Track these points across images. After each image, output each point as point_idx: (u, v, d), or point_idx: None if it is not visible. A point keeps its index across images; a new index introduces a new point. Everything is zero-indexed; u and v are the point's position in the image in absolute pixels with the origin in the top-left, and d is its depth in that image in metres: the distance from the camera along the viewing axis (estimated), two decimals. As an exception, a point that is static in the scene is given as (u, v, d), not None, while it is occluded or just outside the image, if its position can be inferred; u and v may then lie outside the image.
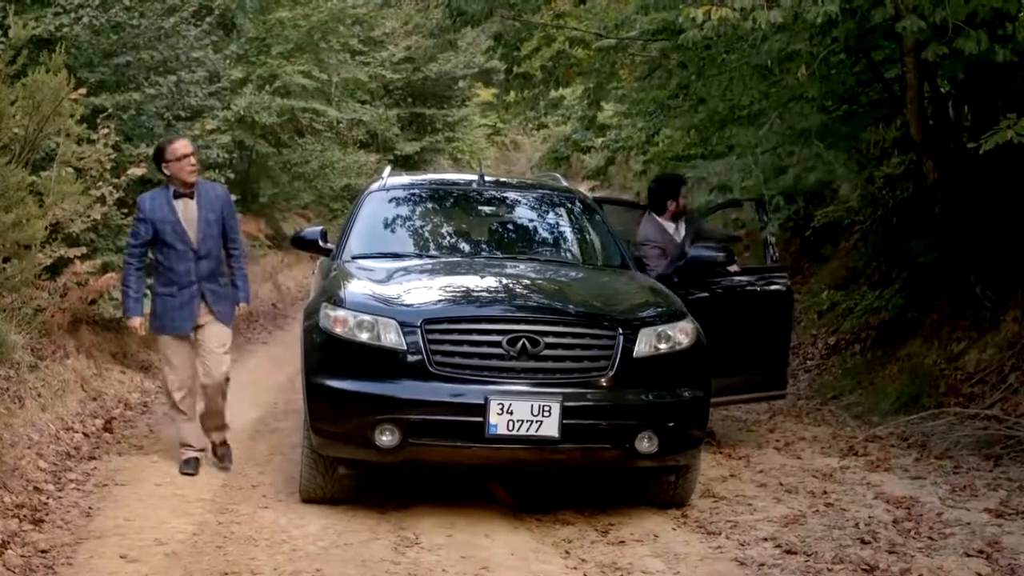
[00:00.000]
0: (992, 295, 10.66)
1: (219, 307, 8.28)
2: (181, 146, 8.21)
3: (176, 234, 8.11)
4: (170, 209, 8.12)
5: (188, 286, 8.15)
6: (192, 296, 8.16)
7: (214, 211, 8.23)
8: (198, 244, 8.14)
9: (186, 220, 8.14)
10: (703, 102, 11.05)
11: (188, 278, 8.14)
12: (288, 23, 18.07)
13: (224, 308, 8.34)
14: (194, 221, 8.14)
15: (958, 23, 8.08)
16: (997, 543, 6.82)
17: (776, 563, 6.51)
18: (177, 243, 8.11)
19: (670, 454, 7.15)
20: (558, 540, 6.93)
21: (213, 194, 8.35)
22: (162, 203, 8.15)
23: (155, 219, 8.12)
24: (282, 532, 6.89)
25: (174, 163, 8.13)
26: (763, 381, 9.57)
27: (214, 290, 8.25)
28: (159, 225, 8.11)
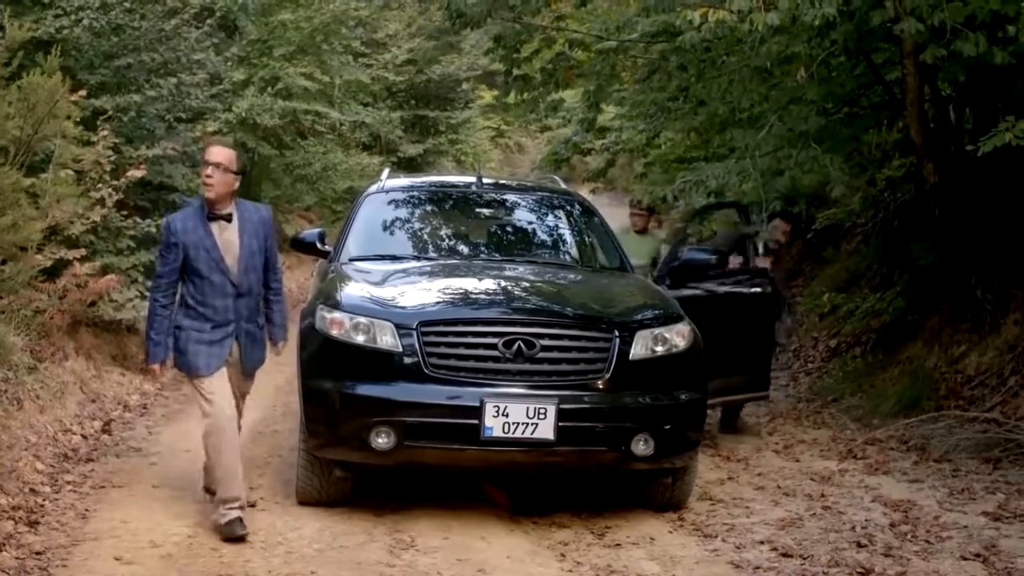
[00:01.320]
0: (993, 298, 10.64)
1: (251, 353, 7.09)
2: (211, 151, 6.86)
3: (212, 263, 6.79)
4: (205, 232, 6.80)
5: (223, 325, 6.88)
6: (226, 336, 6.90)
7: (257, 238, 6.94)
8: (239, 278, 6.86)
9: (224, 247, 6.83)
10: (703, 104, 11.04)
11: (225, 316, 6.87)
12: (290, 25, 18.08)
13: (257, 357, 7.16)
14: (235, 250, 6.85)
15: (956, 25, 8.07)
16: (994, 546, 6.80)
17: (772, 566, 6.49)
18: (214, 274, 6.80)
19: (666, 457, 7.13)
20: (554, 543, 6.91)
21: (256, 217, 7.01)
22: (196, 224, 6.80)
23: (187, 243, 6.76)
24: (278, 534, 6.87)
25: (201, 168, 6.93)
26: (746, 382, 9.63)
27: (251, 332, 7.03)
28: (191, 251, 6.76)
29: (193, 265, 6.79)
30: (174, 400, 11.01)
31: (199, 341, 6.85)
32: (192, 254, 6.78)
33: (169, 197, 12.78)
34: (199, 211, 6.86)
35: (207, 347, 6.85)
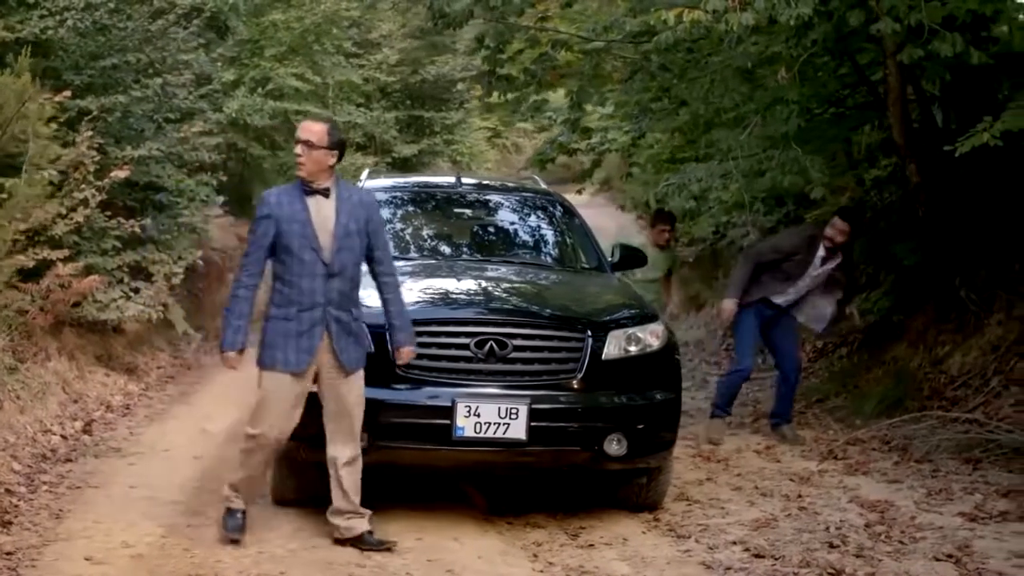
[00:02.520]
0: (976, 298, 10.62)
1: (345, 347, 6.55)
2: (303, 127, 6.57)
3: (304, 239, 6.43)
4: (301, 205, 6.47)
5: (310, 308, 6.45)
6: (314, 323, 6.45)
7: (356, 220, 6.55)
8: (331, 256, 6.47)
9: (318, 223, 6.49)
10: (685, 105, 11.03)
11: (312, 298, 6.45)
12: (281, 25, 18.08)
13: (352, 351, 6.59)
14: (330, 226, 6.48)
15: (934, 25, 8.05)
16: (968, 547, 6.80)
17: (743, 567, 6.49)
18: (304, 251, 6.43)
19: (640, 457, 7.13)
20: (527, 543, 6.91)
21: (356, 199, 6.67)
22: (292, 198, 6.49)
23: (280, 216, 6.42)
24: (251, 535, 6.83)
25: (296, 146, 6.57)
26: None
27: (341, 321, 6.53)
28: (284, 225, 6.41)
29: (284, 241, 6.42)
30: (158, 400, 11.04)
31: (286, 333, 6.45)
32: (284, 228, 6.41)
33: (156, 197, 12.81)
34: (297, 186, 6.55)
35: (295, 339, 6.44)
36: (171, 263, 12.13)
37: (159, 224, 12.43)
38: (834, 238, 9.69)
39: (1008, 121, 7.90)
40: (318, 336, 6.48)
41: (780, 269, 9.88)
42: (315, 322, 6.47)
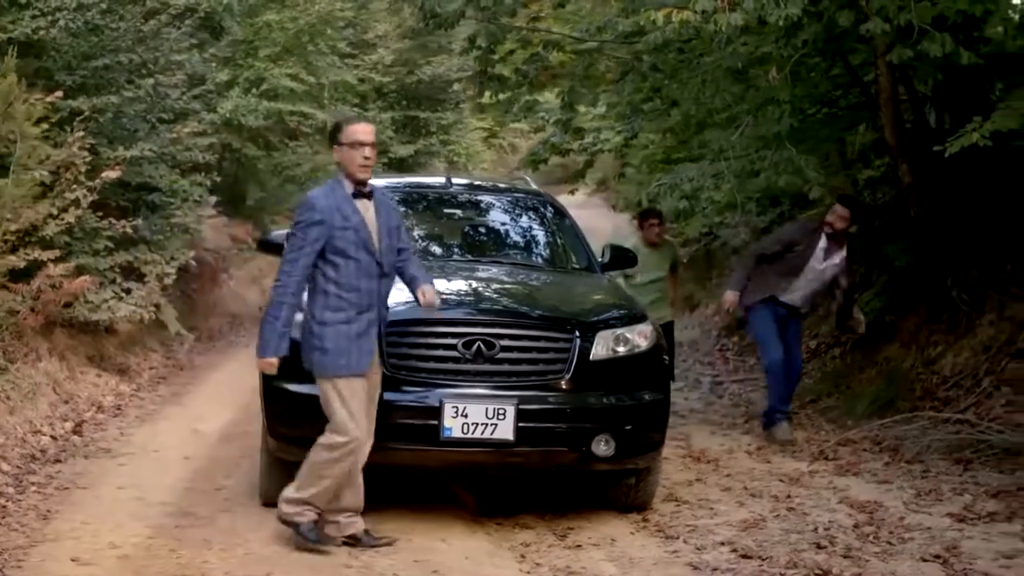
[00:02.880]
0: (968, 298, 10.63)
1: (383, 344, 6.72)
2: (361, 130, 6.54)
3: (360, 241, 6.41)
4: (352, 209, 6.45)
5: (368, 310, 6.45)
6: (371, 323, 6.46)
7: (392, 219, 6.67)
8: (382, 256, 6.50)
9: (370, 224, 6.51)
10: (676, 105, 11.03)
11: (370, 299, 6.46)
12: (275, 26, 18.06)
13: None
14: (376, 227, 6.52)
15: (924, 26, 8.05)
16: (955, 548, 6.80)
17: (730, 567, 6.48)
18: (360, 253, 6.41)
19: (628, 457, 7.12)
20: (515, 544, 6.90)
21: (385, 199, 6.77)
22: (341, 201, 6.44)
23: (332, 220, 6.37)
24: (238, 536, 6.85)
25: (347, 149, 6.49)
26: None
27: (384, 318, 6.65)
28: (338, 229, 6.37)
29: (337, 244, 6.37)
30: (150, 401, 11.04)
31: (347, 336, 6.39)
32: (338, 232, 6.37)
33: (149, 197, 12.81)
34: (340, 187, 6.49)
35: (357, 341, 6.40)
36: (163, 263, 12.13)
37: (152, 224, 12.40)
38: (834, 224, 9.68)
39: (998, 121, 7.91)
40: (374, 335, 6.52)
41: (783, 261, 9.85)
42: (372, 322, 6.49)
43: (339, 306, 6.40)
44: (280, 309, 6.37)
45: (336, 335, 6.38)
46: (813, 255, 9.78)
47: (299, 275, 6.38)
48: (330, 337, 6.38)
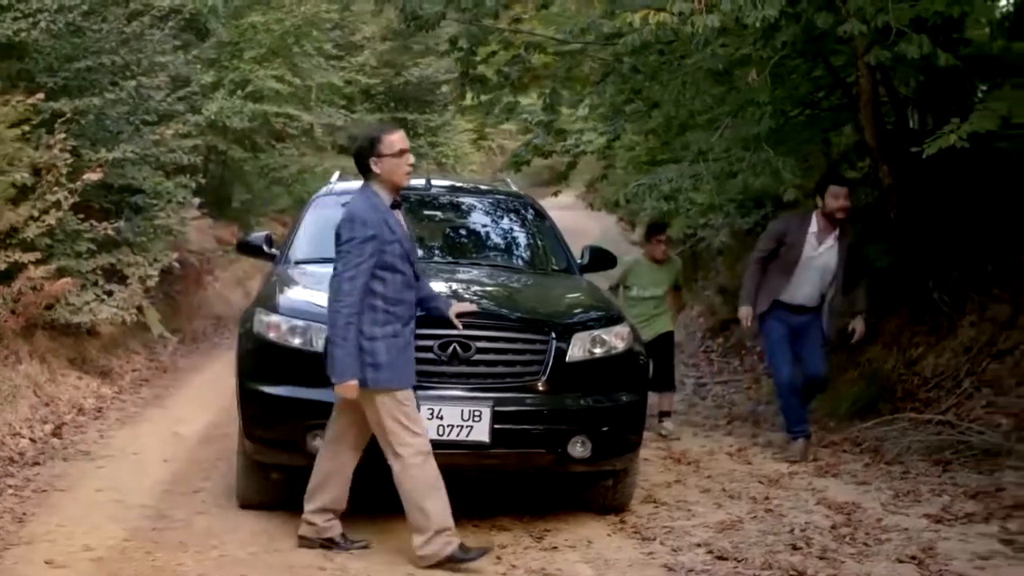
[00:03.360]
0: (949, 300, 10.63)
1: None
2: (400, 137, 6.43)
3: (404, 254, 6.36)
4: (394, 220, 6.41)
5: (410, 322, 6.42)
6: (412, 334, 6.44)
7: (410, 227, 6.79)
8: (415, 266, 6.56)
9: (406, 235, 6.52)
10: (657, 107, 11.01)
11: (412, 311, 6.46)
12: (261, 28, 18.04)
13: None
14: (407, 237, 6.54)
15: (901, 27, 8.05)
16: (931, 549, 6.81)
17: (705, 569, 6.49)
18: (405, 265, 6.38)
19: (604, 459, 7.12)
20: (492, 546, 6.89)
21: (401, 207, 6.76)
22: (384, 213, 6.36)
23: (381, 234, 6.29)
24: (214, 538, 6.85)
25: (389, 159, 6.35)
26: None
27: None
28: (385, 245, 6.28)
29: (386, 259, 6.28)
30: (131, 403, 11.01)
31: (398, 349, 6.31)
32: (387, 247, 6.28)
33: (132, 199, 12.79)
34: (377, 199, 6.39)
35: (404, 353, 6.36)
36: (146, 265, 12.12)
37: (135, 226, 12.40)
38: (834, 213, 9.22)
39: (975, 123, 7.91)
40: (413, 346, 6.47)
41: (779, 259, 9.44)
42: (412, 333, 6.45)
43: (387, 320, 6.30)
44: (349, 331, 6.19)
45: (387, 349, 6.27)
46: (806, 243, 9.33)
47: (359, 293, 6.22)
48: (381, 352, 6.26)
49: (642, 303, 10.36)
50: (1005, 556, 6.72)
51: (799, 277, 9.37)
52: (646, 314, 10.30)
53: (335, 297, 6.25)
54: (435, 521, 6.37)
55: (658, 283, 10.51)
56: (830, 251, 9.36)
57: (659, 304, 10.52)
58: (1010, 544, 6.93)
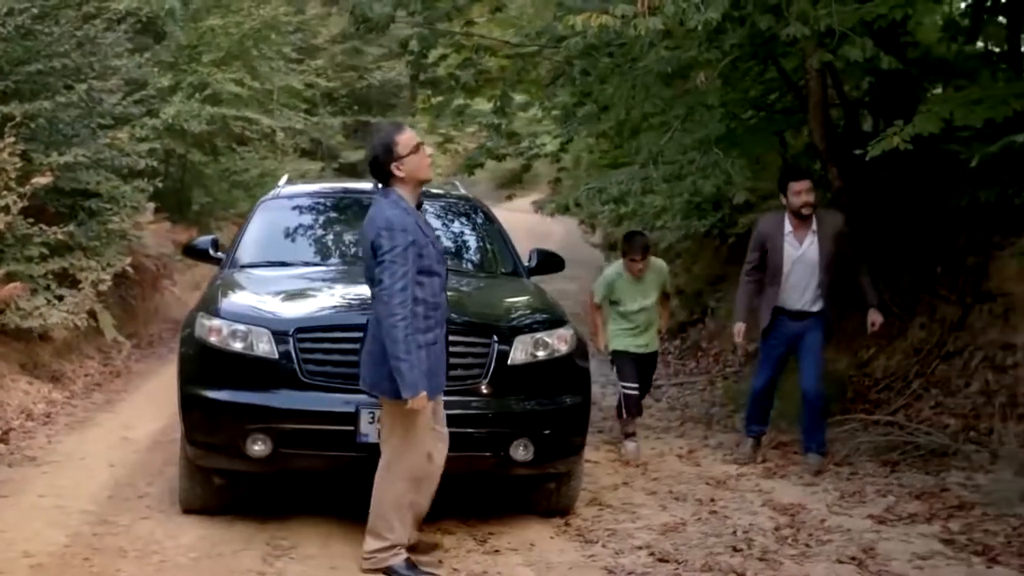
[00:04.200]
0: (900, 301, 10.68)
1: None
2: (411, 134, 6.34)
3: (439, 255, 6.30)
4: (424, 222, 6.31)
5: (442, 325, 6.32)
6: (445, 338, 6.38)
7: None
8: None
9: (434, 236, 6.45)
10: (607, 109, 11.02)
11: (445, 314, 6.36)
12: (219, 31, 17.99)
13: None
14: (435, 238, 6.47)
15: (844, 30, 8.09)
16: (872, 549, 6.85)
17: (646, 571, 6.50)
18: (440, 266, 6.28)
19: (548, 462, 7.12)
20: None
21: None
22: (414, 216, 6.23)
23: (419, 239, 6.15)
24: (155, 543, 6.82)
25: (411, 157, 6.23)
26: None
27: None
28: (423, 248, 6.15)
29: (423, 263, 6.14)
30: (82, 408, 10.94)
31: (436, 355, 6.23)
32: (424, 250, 6.15)
33: (86, 203, 12.73)
34: (404, 202, 6.22)
35: (438, 360, 6.27)
36: (99, 270, 12.04)
37: (88, 231, 12.33)
38: (800, 209, 8.86)
39: (918, 125, 7.94)
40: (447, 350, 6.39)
41: (767, 264, 9.12)
42: (446, 338, 6.38)
43: (428, 326, 6.16)
44: (411, 343, 6.00)
45: (429, 356, 6.16)
46: (786, 244, 9.01)
47: (411, 303, 6.04)
48: (424, 359, 6.12)
49: (632, 316, 9.74)
50: (944, 556, 6.75)
51: (788, 281, 9.05)
52: (640, 328, 9.76)
53: (389, 312, 6.02)
54: (393, 536, 6.37)
55: (646, 293, 9.77)
56: (812, 247, 9.01)
57: (651, 314, 9.83)
58: (950, 544, 6.96)
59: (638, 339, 9.76)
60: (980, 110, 7.97)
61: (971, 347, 9.84)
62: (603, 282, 9.81)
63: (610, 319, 9.85)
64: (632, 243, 9.69)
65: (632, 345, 9.74)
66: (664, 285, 9.97)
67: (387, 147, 6.24)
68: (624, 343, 9.74)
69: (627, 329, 9.72)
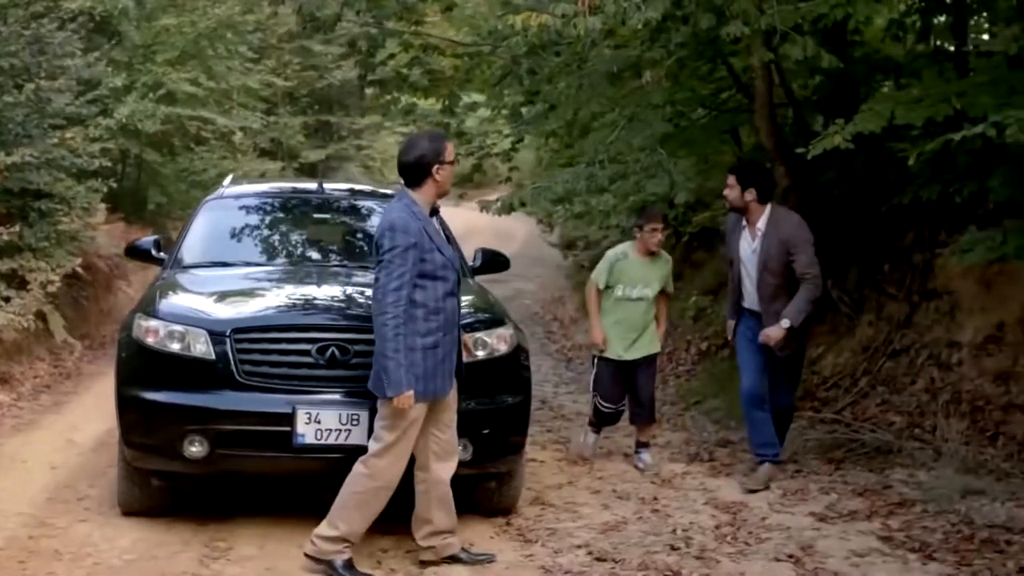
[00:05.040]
0: (849, 300, 10.73)
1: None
2: (452, 146, 6.57)
3: (447, 262, 6.34)
4: (433, 228, 6.36)
5: (451, 330, 6.41)
6: (453, 343, 6.45)
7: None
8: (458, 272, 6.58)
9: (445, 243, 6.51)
10: (554, 108, 11.02)
11: (453, 319, 6.43)
12: (174, 30, 17.90)
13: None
14: (446, 245, 6.54)
15: (785, 29, 8.11)
16: (810, 547, 6.88)
17: (582, 570, 6.51)
18: (448, 272, 6.35)
19: (487, 462, 7.11)
20: (374, 550, 6.84)
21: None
22: (422, 221, 6.26)
23: (423, 243, 6.21)
24: (91, 546, 6.79)
25: (449, 167, 6.42)
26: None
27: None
28: (426, 253, 6.22)
29: (426, 268, 6.23)
30: (29, 410, 10.85)
31: (436, 361, 6.29)
32: (427, 255, 6.22)
33: (37, 204, 12.64)
34: (415, 206, 6.30)
35: (442, 366, 6.33)
36: (49, 271, 11.96)
37: (37, 232, 12.24)
38: (728, 197, 8.52)
39: (859, 124, 7.96)
40: (455, 359, 6.46)
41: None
42: (454, 343, 6.44)
43: (427, 330, 6.25)
44: (399, 342, 6.12)
45: (428, 360, 6.25)
46: (741, 240, 8.58)
47: (405, 303, 6.14)
48: (423, 361, 6.22)
49: (629, 306, 9.00)
50: (881, 553, 6.78)
51: (745, 279, 8.61)
52: (635, 323, 9.01)
53: (380, 309, 6.15)
54: (348, 530, 6.38)
55: (649, 281, 9.00)
56: (759, 246, 8.45)
57: (649, 310, 9.06)
58: (888, 541, 7.00)
59: (628, 342, 8.99)
60: (920, 109, 7.98)
61: (917, 345, 9.90)
62: (605, 264, 9.05)
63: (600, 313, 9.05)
64: (647, 212, 9.20)
65: (621, 353, 8.98)
66: (667, 280, 9.19)
67: (438, 151, 6.35)
68: (612, 350, 8.99)
69: (619, 329, 8.97)
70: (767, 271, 8.40)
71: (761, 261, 8.41)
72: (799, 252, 8.32)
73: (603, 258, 9.20)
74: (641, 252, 9.02)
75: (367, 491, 6.38)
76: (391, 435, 6.29)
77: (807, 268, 8.32)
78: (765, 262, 8.38)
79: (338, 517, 6.38)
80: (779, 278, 8.38)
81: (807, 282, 8.32)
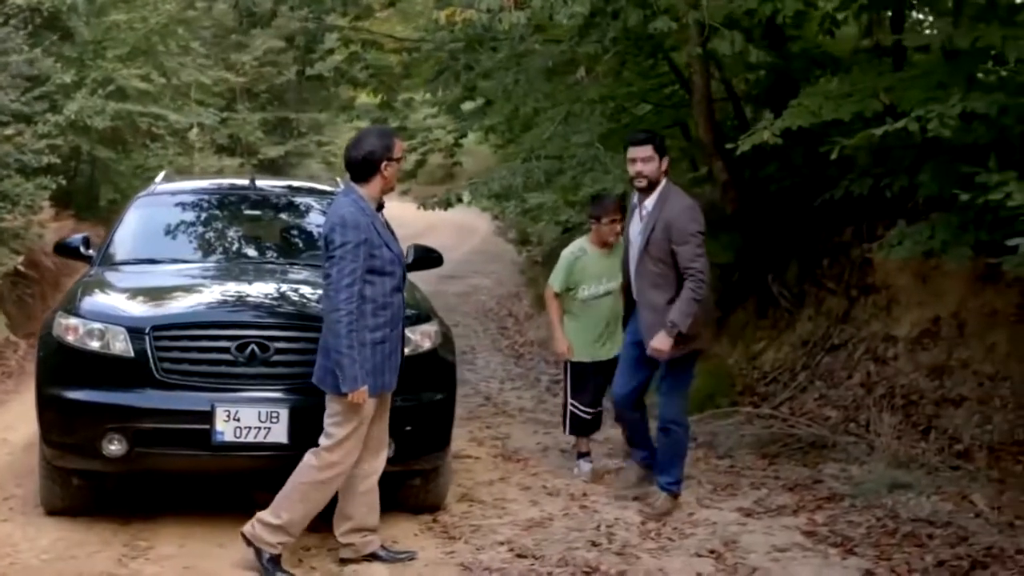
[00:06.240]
0: (788, 294, 10.76)
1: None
2: (401, 143, 6.61)
3: (394, 257, 6.35)
4: (380, 224, 6.34)
5: (397, 325, 6.42)
6: (399, 338, 6.48)
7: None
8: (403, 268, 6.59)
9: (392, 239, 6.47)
10: (490, 104, 11.01)
11: (399, 314, 6.44)
12: (124, 26, 17.77)
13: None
14: (393, 240, 6.48)
15: (716, 24, 8.10)
16: (734, 542, 6.88)
17: (502, 567, 6.48)
18: (396, 267, 6.35)
19: (411, 459, 7.07)
20: (296, 548, 6.77)
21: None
22: (369, 217, 6.25)
23: (370, 238, 6.20)
24: (11, 545, 6.73)
25: (396, 164, 6.43)
26: None
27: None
28: (375, 248, 6.21)
29: (375, 263, 6.21)
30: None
31: (383, 355, 6.28)
32: (376, 251, 6.21)
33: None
34: (363, 201, 6.28)
35: (389, 361, 6.34)
36: (-12, 270, 11.89)
37: (-24, 230, 12.19)
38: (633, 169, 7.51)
39: (788, 119, 7.97)
40: (400, 351, 6.46)
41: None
42: (399, 337, 6.46)
43: (376, 325, 6.24)
44: (352, 338, 6.10)
45: (376, 354, 6.25)
46: (632, 222, 7.74)
47: (356, 299, 6.13)
48: (372, 356, 6.23)
49: (597, 304, 8.46)
50: (802, 548, 6.79)
51: (630, 265, 7.76)
52: (605, 317, 8.43)
53: (333, 306, 6.13)
54: (289, 520, 6.35)
55: (612, 273, 8.32)
56: (646, 222, 7.52)
57: (617, 300, 8.30)
58: (811, 536, 7.01)
59: (602, 343, 8.49)
60: (849, 104, 8.00)
61: (855, 339, 9.95)
62: (562, 265, 8.52)
63: (565, 319, 8.56)
64: (603, 203, 8.58)
65: (596, 352, 8.49)
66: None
67: (388, 147, 6.34)
68: (585, 351, 8.50)
69: (587, 327, 8.46)
70: (647, 255, 7.47)
71: (642, 243, 7.48)
72: (682, 242, 7.31)
73: (560, 259, 8.67)
74: (598, 244, 8.46)
75: (313, 483, 6.36)
76: (342, 430, 6.28)
77: (689, 263, 7.29)
78: (646, 245, 7.45)
79: (282, 506, 6.36)
80: (659, 266, 7.42)
81: (689, 279, 7.30)
